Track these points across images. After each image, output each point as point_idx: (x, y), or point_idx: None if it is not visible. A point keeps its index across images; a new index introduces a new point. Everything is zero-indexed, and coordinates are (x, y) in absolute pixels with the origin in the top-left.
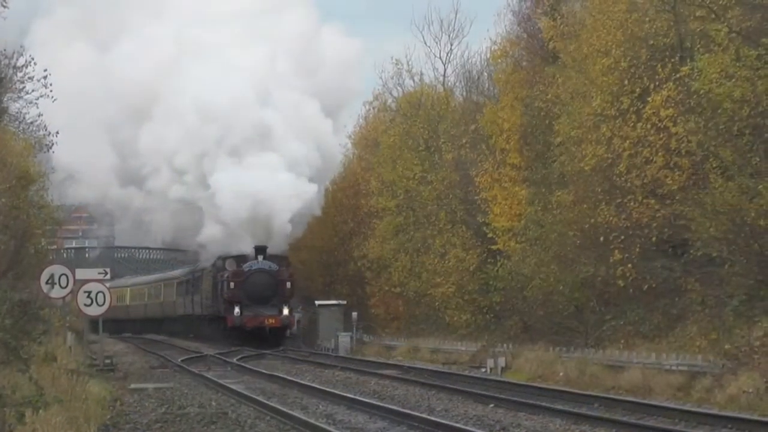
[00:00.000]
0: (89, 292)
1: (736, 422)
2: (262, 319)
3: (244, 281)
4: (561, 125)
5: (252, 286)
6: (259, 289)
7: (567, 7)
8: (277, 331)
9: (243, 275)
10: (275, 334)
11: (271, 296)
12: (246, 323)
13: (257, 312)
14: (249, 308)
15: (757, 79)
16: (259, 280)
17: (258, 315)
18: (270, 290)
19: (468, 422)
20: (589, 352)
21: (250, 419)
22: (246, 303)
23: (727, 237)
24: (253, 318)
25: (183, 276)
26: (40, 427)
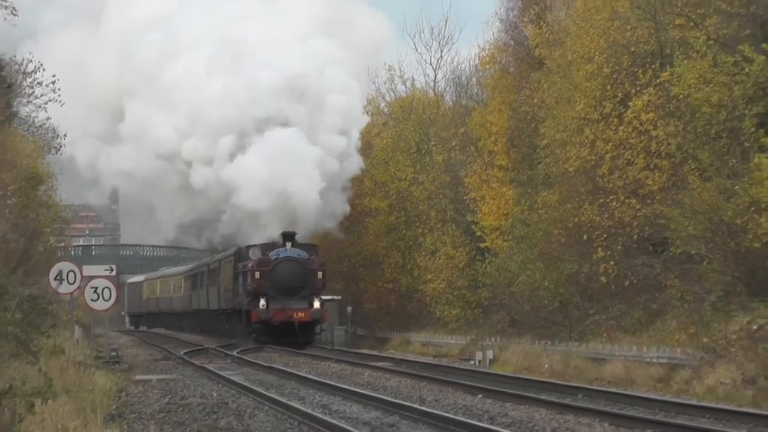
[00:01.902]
0: (96, 288)
1: (714, 412)
2: (290, 313)
3: (271, 271)
4: (546, 128)
5: (279, 276)
6: (288, 279)
7: (552, 15)
8: (307, 326)
9: (270, 264)
10: (305, 330)
11: (300, 287)
12: (273, 317)
13: (285, 305)
14: (276, 301)
15: (734, 84)
16: (288, 270)
17: (286, 308)
18: (299, 281)
19: (457, 412)
20: (573, 346)
21: (250, 409)
22: (273, 295)
23: (705, 235)
24: (281, 311)
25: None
26: (49, 416)
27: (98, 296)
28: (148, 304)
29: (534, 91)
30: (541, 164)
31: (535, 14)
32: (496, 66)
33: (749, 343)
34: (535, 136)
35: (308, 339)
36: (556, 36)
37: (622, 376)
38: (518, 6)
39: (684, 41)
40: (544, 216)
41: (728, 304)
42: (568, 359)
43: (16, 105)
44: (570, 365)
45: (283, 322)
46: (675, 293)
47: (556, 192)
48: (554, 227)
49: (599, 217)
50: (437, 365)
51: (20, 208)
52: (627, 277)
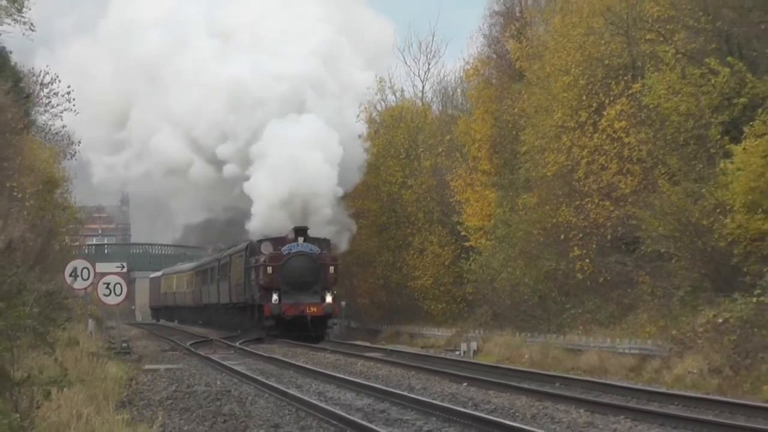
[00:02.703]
0: (108, 284)
1: (682, 399)
2: (302, 308)
3: (283, 265)
4: (526, 136)
5: (292, 270)
6: (300, 274)
7: (532, 30)
8: (319, 321)
9: (282, 259)
10: (317, 324)
11: (312, 282)
12: (285, 312)
13: (297, 299)
14: (288, 295)
15: (701, 94)
16: (300, 264)
17: (298, 303)
18: (311, 275)
19: (444, 399)
20: (551, 337)
21: (251, 396)
22: (285, 289)
23: (674, 235)
24: (293, 306)
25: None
26: (65, 403)
27: (110, 291)
28: (165, 298)
29: (515, 101)
30: (521, 169)
31: (515, 30)
32: (479, 78)
33: (715, 335)
34: (516, 142)
35: (320, 333)
36: (535, 50)
37: (597, 365)
38: (500, 22)
39: (654, 55)
40: (524, 217)
41: (695, 299)
42: (546, 350)
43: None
44: (548, 356)
45: (296, 316)
46: (646, 289)
47: (535, 195)
48: (533, 227)
49: (575, 218)
50: (425, 356)
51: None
52: (601, 273)
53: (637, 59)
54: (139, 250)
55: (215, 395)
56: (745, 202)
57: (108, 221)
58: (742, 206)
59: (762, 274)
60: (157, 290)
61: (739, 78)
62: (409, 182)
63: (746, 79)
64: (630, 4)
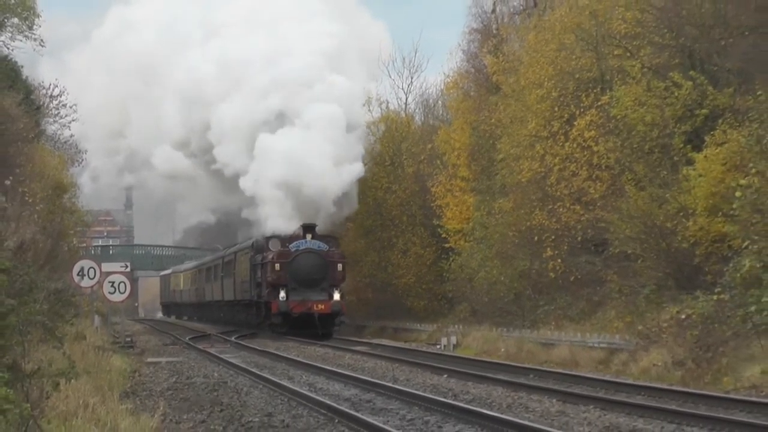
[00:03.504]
0: (113, 282)
1: (648, 390)
2: (310, 305)
3: (291, 262)
4: (502, 144)
5: (299, 267)
6: (308, 271)
7: (507, 47)
8: (327, 318)
9: (290, 256)
10: (324, 322)
11: (320, 279)
12: (292, 309)
13: (305, 297)
14: (296, 292)
15: (665, 106)
16: (308, 262)
17: (306, 300)
18: (319, 273)
19: (426, 390)
20: (526, 332)
21: (246, 387)
22: (293, 287)
23: (640, 237)
24: (301, 303)
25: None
26: (72, 393)
27: (115, 289)
28: (173, 295)
29: (492, 112)
30: (497, 175)
31: (492, 46)
32: (459, 90)
33: (678, 330)
34: (493, 151)
35: (328, 331)
36: (510, 65)
37: (568, 358)
38: (478, 39)
39: (621, 69)
40: (501, 220)
41: (660, 297)
42: (521, 344)
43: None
44: (523, 349)
45: (303, 313)
46: (614, 287)
47: (510, 199)
48: (509, 230)
49: (548, 221)
50: (408, 349)
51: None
52: (572, 272)
53: (606, 73)
54: (142, 251)
55: (213, 386)
56: (706, 206)
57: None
58: (704, 210)
59: (722, 273)
60: (167, 287)
61: (700, 91)
62: (394, 188)
63: (707, 91)
64: (599, 22)
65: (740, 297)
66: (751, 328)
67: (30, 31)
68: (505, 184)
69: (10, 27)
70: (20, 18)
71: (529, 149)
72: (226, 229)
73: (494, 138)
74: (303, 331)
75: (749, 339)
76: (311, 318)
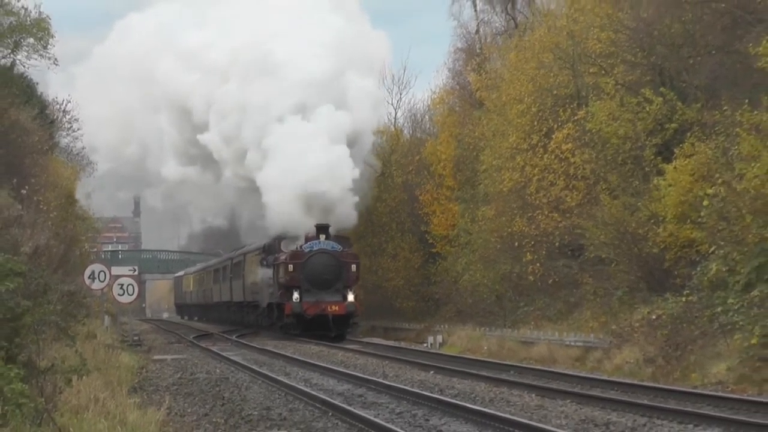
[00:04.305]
0: (122, 285)
1: (621, 386)
2: (324, 306)
3: (305, 263)
4: (485, 156)
5: (313, 268)
6: (322, 272)
7: (490, 65)
8: (341, 320)
9: (303, 256)
10: (338, 323)
11: (333, 280)
12: (306, 310)
13: (319, 298)
14: (309, 293)
15: (637, 120)
16: (322, 262)
17: (320, 301)
18: (333, 273)
19: (413, 385)
20: (507, 331)
21: (246, 382)
22: (306, 288)
23: (614, 242)
24: (315, 305)
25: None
26: (84, 389)
27: (123, 291)
28: (185, 297)
29: (475, 126)
30: (481, 185)
31: (476, 64)
32: (444, 106)
33: (649, 330)
34: (476, 162)
35: (341, 332)
36: (493, 82)
37: (547, 356)
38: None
39: (596, 85)
40: (484, 227)
41: (632, 298)
42: (502, 342)
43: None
44: (504, 347)
45: (317, 315)
46: (589, 289)
47: (493, 207)
48: (491, 236)
49: (528, 228)
50: (397, 347)
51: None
52: (550, 276)
53: (582, 89)
54: (149, 256)
55: (215, 382)
56: (675, 213)
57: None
58: (673, 217)
59: (690, 276)
60: (180, 289)
61: (670, 106)
62: (384, 196)
63: (677, 107)
64: (575, 42)
65: (707, 299)
66: (718, 328)
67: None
68: (487, 193)
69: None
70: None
71: (510, 161)
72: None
73: (478, 150)
74: (316, 332)
75: (716, 338)
76: (325, 319)
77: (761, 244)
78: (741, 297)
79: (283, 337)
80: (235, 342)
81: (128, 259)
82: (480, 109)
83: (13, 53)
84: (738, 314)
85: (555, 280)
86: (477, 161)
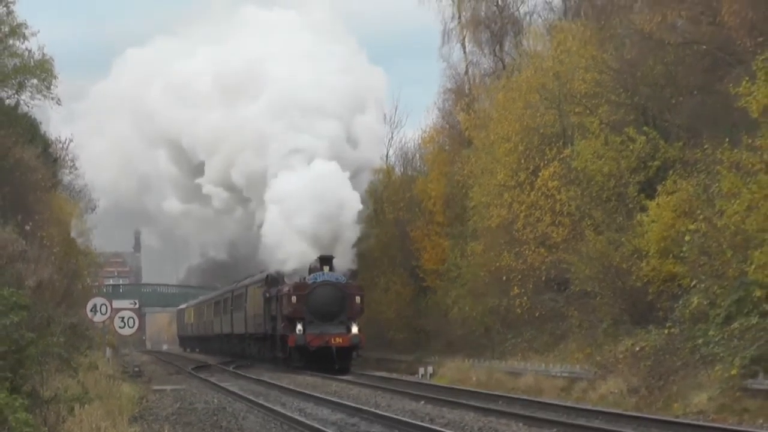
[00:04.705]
0: (123, 317)
1: (605, 415)
2: (327, 338)
3: (309, 295)
4: (474, 193)
5: (317, 300)
6: (326, 303)
7: (478, 105)
8: (345, 352)
9: (307, 288)
10: (342, 355)
11: (338, 312)
12: (310, 342)
13: (323, 330)
14: (313, 325)
15: (621, 158)
16: (326, 294)
17: (323, 333)
18: (337, 305)
19: (405, 415)
20: (495, 362)
21: (243, 412)
22: (309, 320)
23: (598, 277)
24: (318, 337)
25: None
26: (86, 418)
27: (124, 324)
28: (187, 329)
29: (464, 164)
30: (470, 221)
31: (465, 104)
32: (435, 144)
33: (633, 361)
34: (466, 199)
35: (345, 365)
36: (481, 121)
37: (533, 386)
38: (452, 98)
39: (582, 125)
40: (472, 261)
41: (616, 330)
42: (491, 373)
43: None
44: (492, 378)
45: (321, 347)
46: (574, 322)
47: (481, 242)
48: (480, 270)
49: (515, 262)
50: (389, 378)
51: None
52: (537, 309)
53: (567, 129)
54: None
55: (213, 411)
56: (658, 248)
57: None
58: (656, 252)
59: (672, 309)
60: (182, 321)
61: (653, 144)
62: (376, 232)
63: (659, 145)
64: (561, 83)
65: (689, 331)
66: (699, 359)
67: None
68: (476, 229)
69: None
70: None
71: (498, 197)
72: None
73: (467, 187)
74: (320, 365)
75: (697, 369)
76: (328, 352)
77: (741, 278)
78: (721, 329)
79: (279, 369)
80: (232, 373)
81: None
82: (469, 148)
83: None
84: (718, 346)
85: (541, 313)
86: (466, 198)
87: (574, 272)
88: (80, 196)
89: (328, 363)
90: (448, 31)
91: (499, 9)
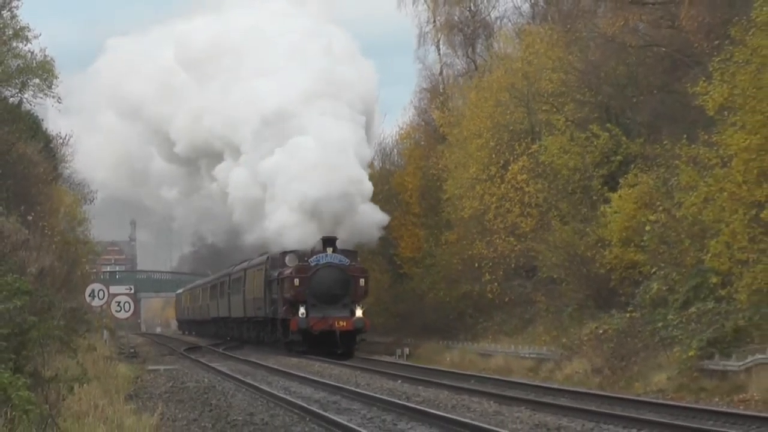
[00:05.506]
0: (119, 302)
1: (571, 393)
2: (331, 322)
3: (311, 277)
4: (448, 186)
5: (320, 283)
6: (329, 286)
7: (452, 103)
8: (349, 336)
9: (309, 270)
10: (346, 339)
11: (341, 295)
12: (313, 326)
13: (326, 313)
14: (316, 309)
15: (586, 153)
16: (329, 276)
17: (327, 317)
18: (341, 288)
19: (383, 393)
20: (468, 344)
21: (231, 390)
22: (312, 303)
23: (564, 264)
24: (321, 320)
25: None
26: (84, 396)
27: (121, 308)
28: (185, 312)
29: (439, 158)
30: (444, 212)
31: (439, 102)
32: (411, 140)
33: (596, 343)
34: (440, 191)
35: (349, 349)
36: (455, 118)
37: (503, 366)
38: (427, 96)
39: (549, 122)
40: (446, 250)
41: (581, 314)
42: (464, 354)
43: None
44: (465, 359)
45: (324, 331)
46: (542, 306)
47: (455, 232)
48: (454, 258)
49: (486, 251)
50: (368, 358)
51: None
52: (507, 294)
53: (535, 125)
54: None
55: (203, 390)
56: (620, 238)
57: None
58: (618, 241)
59: (634, 294)
60: (180, 305)
61: (616, 140)
62: None
63: (621, 141)
64: (530, 82)
65: (649, 315)
66: (659, 341)
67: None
68: (450, 220)
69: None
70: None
71: (471, 190)
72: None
73: (441, 180)
74: (323, 349)
75: (657, 350)
76: (332, 336)
77: (698, 266)
78: (680, 314)
79: (265, 351)
80: (222, 354)
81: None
82: (443, 144)
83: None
84: (677, 329)
85: (511, 298)
86: (440, 190)
87: (542, 260)
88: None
89: (331, 347)
90: (423, 34)
91: (471, 14)
